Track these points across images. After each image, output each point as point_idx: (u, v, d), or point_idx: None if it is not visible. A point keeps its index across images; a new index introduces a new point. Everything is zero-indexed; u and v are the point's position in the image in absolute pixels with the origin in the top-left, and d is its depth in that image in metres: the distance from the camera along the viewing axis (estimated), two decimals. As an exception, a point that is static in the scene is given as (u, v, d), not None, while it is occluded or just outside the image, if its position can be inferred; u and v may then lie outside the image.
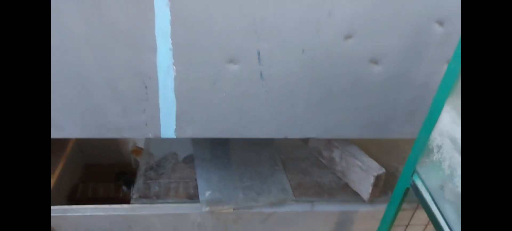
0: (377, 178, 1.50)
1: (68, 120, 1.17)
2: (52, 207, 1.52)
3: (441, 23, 1.05)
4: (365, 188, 1.55)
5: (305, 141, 1.81)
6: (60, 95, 1.11)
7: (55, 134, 1.21)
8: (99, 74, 1.06)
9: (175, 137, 1.23)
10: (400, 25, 1.04)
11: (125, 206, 1.55)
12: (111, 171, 2.26)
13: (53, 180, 1.71)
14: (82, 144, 2.19)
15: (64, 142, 1.92)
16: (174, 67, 1.06)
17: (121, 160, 2.36)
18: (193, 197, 1.58)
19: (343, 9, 0.99)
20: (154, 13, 0.95)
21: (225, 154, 1.75)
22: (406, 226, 1.49)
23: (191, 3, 0.96)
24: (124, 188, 2.12)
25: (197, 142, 1.84)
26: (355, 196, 1.60)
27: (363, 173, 1.54)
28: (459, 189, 1.00)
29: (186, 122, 1.20)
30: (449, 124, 1.02)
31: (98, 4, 0.94)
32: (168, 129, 1.21)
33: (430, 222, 1.06)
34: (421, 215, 1.24)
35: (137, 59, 1.04)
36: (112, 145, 2.32)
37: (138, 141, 2.28)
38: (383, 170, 1.51)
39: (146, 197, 1.57)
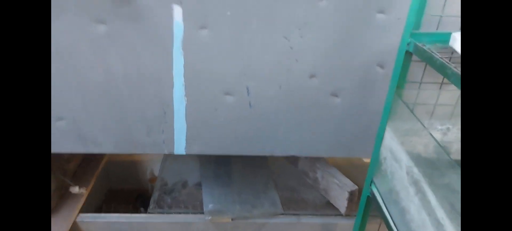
0: (351, 193, 1.80)
1: (106, 138, 1.55)
2: (85, 214, 1.88)
3: (381, 66, 1.42)
4: (342, 203, 1.84)
5: (295, 164, 2.13)
6: (101, 119, 1.50)
7: (94, 149, 1.59)
8: (132, 103, 1.46)
9: (185, 153, 1.59)
10: (351, 68, 1.42)
11: (142, 214, 1.88)
12: (131, 195, 2.60)
13: (84, 197, 2.06)
14: (108, 170, 2.56)
15: (95, 166, 2.30)
16: (186, 98, 1.46)
17: (140, 186, 2.70)
18: (198, 209, 1.90)
19: (306, 57, 1.38)
20: (172, 59, 1.37)
21: (226, 173, 2.09)
22: (376, 235, 1.76)
23: (199, 52, 1.37)
24: (142, 209, 2.45)
25: (204, 164, 2.18)
26: (335, 211, 1.89)
27: (340, 190, 1.84)
28: (396, 189, 1.30)
29: (193, 141, 1.56)
30: (389, 140, 1.36)
31: (134, 52, 1.36)
32: (180, 146, 1.58)
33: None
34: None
35: (160, 92, 1.44)
36: (133, 173, 2.68)
37: (155, 170, 2.64)
38: (356, 187, 1.80)
39: (160, 207, 1.91)
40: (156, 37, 1.33)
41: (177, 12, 1.28)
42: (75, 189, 1.93)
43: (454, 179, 1.02)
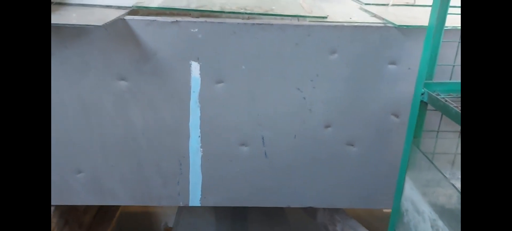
0: (373, 247, 1.71)
1: (122, 190, 1.56)
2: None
3: (396, 115, 1.42)
4: (363, 258, 1.74)
5: (313, 216, 2.07)
6: (119, 171, 1.52)
7: (111, 201, 1.59)
8: (150, 155, 1.48)
9: (200, 205, 1.58)
10: (365, 117, 1.42)
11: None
12: (145, 248, 2.55)
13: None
14: (122, 223, 2.54)
15: (109, 218, 2.28)
16: (201, 149, 1.47)
17: (154, 239, 2.66)
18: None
19: (320, 107, 1.40)
20: (189, 112, 1.41)
21: (243, 228, 2.04)
22: None
23: (215, 105, 1.41)
24: (155, 264, 2.38)
25: (220, 218, 2.14)
26: (357, 267, 1.78)
27: (361, 244, 1.75)
28: (422, 244, 1.24)
29: (209, 192, 1.56)
30: (409, 191, 1.31)
31: (152, 106, 1.41)
32: (195, 198, 1.57)
33: None
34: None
35: (176, 144, 1.47)
36: (146, 225, 2.65)
37: (169, 222, 2.61)
38: (378, 241, 1.72)
39: (174, 262, 1.85)
40: (174, 91, 1.38)
41: (195, 67, 1.34)
42: (89, 243, 1.91)
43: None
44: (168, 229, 2.57)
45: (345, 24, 1.30)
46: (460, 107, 1.03)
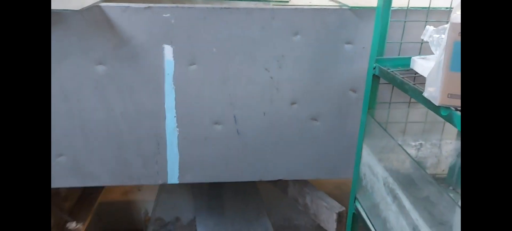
0: (339, 215, 1.87)
1: (103, 171, 1.63)
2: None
3: (354, 90, 1.58)
4: (331, 225, 1.90)
5: (284, 191, 2.21)
6: (100, 153, 1.60)
7: (91, 182, 1.66)
8: (129, 137, 1.57)
9: (178, 182, 1.68)
10: (327, 93, 1.57)
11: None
12: (125, 236, 2.60)
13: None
14: (101, 212, 2.59)
15: (89, 204, 2.33)
16: (178, 129, 1.57)
17: (134, 226, 2.72)
18: (193, 241, 1.94)
19: (286, 87, 1.53)
20: (164, 94, 1.50)
21: (219, 204, 2.15)
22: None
23: (188, 86, 1.51)
24: (136, 248, 2.45)
25: (197, 197, 2.25)
26: (326, 234, 1.94)
27: (328, 212, 1.91)
28: (377, 201, 1.40)
29: (186, 170, 1.66)
30: (366, 156, 1.47)
31: (130, 89, 1.49)
32: (173, 176, 1.67)
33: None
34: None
35: (154, 125, 1.56)
36: (127, 213, 2.70)
37: (150, 210, 2.67)
38: (344, 208, 1.88)
39: (155, 240, 1.95)
40: (150, 74, 1.47)
41: (168, 51, 1.44)
42: (72, 225, 1.98)
43: (432, 192, 1.13)
44: (149, 218, 2.63)
45: (305, 7, 1.43)
46: (405, 78, 1.19)
